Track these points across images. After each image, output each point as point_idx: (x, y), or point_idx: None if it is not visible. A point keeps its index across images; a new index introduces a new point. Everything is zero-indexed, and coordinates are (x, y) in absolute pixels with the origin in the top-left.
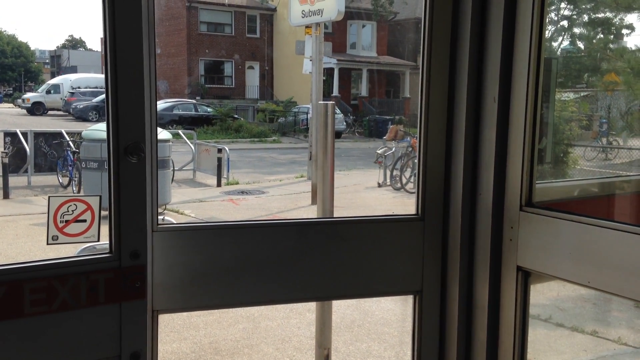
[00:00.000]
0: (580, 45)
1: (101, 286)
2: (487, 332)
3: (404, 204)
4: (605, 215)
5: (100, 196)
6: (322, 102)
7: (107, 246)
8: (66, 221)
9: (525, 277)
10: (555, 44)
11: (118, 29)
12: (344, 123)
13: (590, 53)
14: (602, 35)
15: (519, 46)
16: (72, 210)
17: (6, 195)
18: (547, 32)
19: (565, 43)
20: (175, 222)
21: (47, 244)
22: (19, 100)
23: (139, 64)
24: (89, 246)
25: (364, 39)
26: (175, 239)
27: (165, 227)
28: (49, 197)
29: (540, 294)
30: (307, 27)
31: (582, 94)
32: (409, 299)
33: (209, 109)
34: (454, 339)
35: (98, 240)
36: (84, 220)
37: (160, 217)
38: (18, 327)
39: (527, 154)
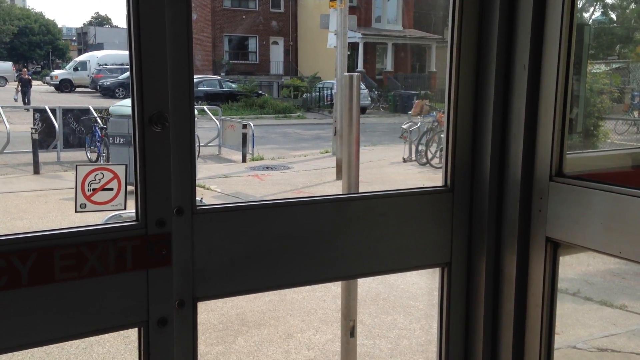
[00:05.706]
0: (613, 15)
1: (129, 253)
2: (515, 304)
3: (430, 179)
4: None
5: (127, 165)
6: (347, 74)
7: (133, 215)
8: (94, 189)
9: (555, 248)
10: (586, 15)
11: None
12: (369, 98)
13: (622, 23)
14: (634, 5)
15: (550, 11)
16: (99, 179)
17: (36, 171)
18: (578, 2)
19: (597, 14)
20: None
21: (76, 211)
22: (47, 78)
23: (161, 32)
24: (115, 215)
25: (390, 12)
26: (215, 221)
27: (205, 208)
28: (76, 165)
29: (569, 268)
30: (331, 0)
31: (613, 66)
32: (436, 272)
33: (233, 85)
34: (481, 311)
35: (124, 209)
36: (111, 189)
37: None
38: (49, 293)
39: (557, 123)
